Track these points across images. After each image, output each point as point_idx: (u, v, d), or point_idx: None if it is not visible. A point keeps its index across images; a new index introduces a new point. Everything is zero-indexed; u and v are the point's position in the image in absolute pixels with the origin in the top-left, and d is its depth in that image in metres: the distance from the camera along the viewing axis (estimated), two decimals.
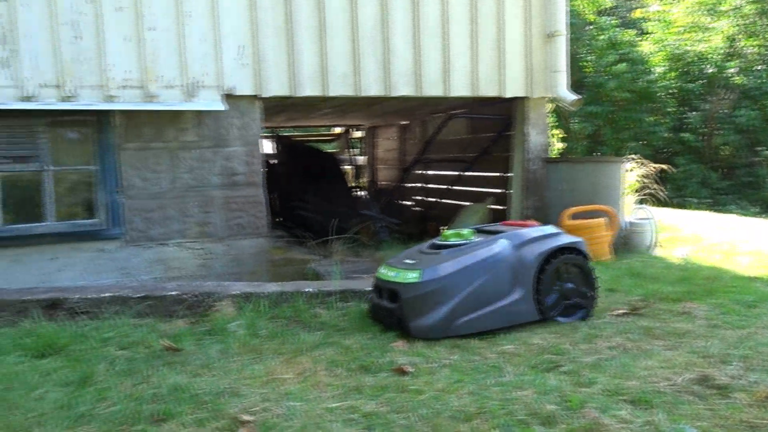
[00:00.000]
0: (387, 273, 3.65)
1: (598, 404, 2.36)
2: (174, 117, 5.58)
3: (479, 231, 3.97)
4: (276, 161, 9.39)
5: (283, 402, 2.30)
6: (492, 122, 7.46)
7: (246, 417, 2.12)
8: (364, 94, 6.06)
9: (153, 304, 3.91)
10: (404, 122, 10.08)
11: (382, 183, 11.08)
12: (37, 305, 3.69)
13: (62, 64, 5.13)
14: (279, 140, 9.95)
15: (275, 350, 3.19)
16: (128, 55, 5.31)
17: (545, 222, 6.15)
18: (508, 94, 6.47)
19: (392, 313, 3.49)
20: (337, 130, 12.25)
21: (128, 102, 5.36)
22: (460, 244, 3.66)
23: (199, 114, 5.64)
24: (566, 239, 3.78)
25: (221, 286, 4.25)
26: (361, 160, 11.91)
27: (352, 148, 12.03)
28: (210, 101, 5.58)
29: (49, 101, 5.12)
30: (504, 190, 7.27)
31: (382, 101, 6.84)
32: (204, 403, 2.29)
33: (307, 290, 4.11)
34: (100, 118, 5.40)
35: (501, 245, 3.58)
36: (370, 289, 4.27)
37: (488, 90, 6.39)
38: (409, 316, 3.40)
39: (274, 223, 7.77)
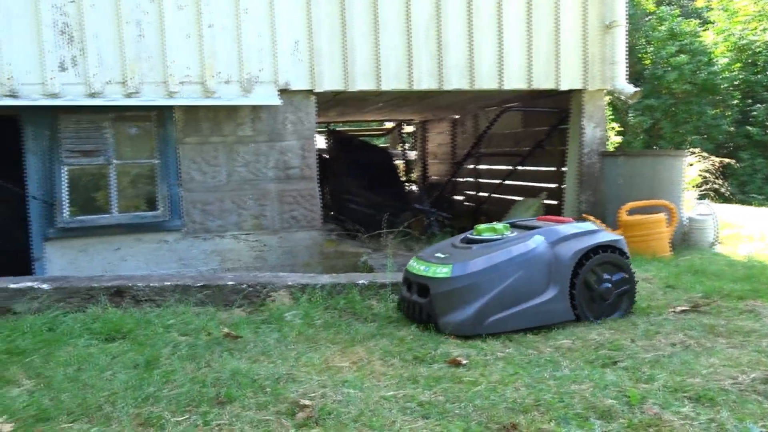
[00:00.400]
0: (418, 267, 3.58)
1: (658, 400, 2.31)
2: (231, 112, 5.72)
3: (514, 226, 3.86)
4: (328, 155, 9.49)
5: (340, 389, 2.35)
6: (546, 115, 7.34)
7: (305, 402, 2.17)
8: (416, 88, 6.07)
9: (212, 293, 4.03)
10: (456, 116, 10.03)
11: (434, 177, 11.06)
12: (103, 292, 3.86)
13: (126, 61, 5.33)
14: (331, 135, 10.06)
15: (330, 340, 3.24)
16: (188, 52, 5.47)
17: (602, 217, 6.03)
18: (564, 87, 6.35)
19: (422, 308, 3.44)
20: (389, 124, 12.29)
21: (188, 97, 5.52)
22: (493, 239, 3.55)
23: (255, 109, 5.76)
24: (605, 237, 3.63)
25: (277, 277, 4.34)
26: (413, 154, 11.92)
27: (404, 142, 12.05)
28: (266, 96, 5.69)
29: (115, 97, 5.33)
30: (558, 185, 7.15)
31: (434, 95, 6.83)
32: (264, 388, 2.36)
33: (360, 282, 4.15)
34: (161, 114, 5.59)
35: (536, 241, 3.45)
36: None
37: (543, 82, 6.29)
38: (439, 311, 3.32)
39: (326, 216, 7.86)
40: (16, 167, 5.59)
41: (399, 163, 11.45)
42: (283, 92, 5.75)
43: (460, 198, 10.14)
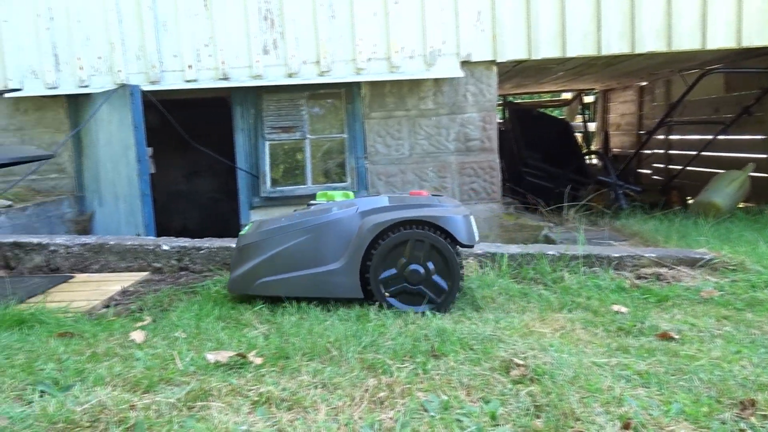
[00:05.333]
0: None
1: None
2: (414, 86, 5.86)
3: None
4: (505, 127, 9.36)
5: (548, 352, 2.33)
6: (756, 77, 6.57)
7: (518, 361, 2.19)
8: (605, 52, 5.74)
9: None
10: (644, 83, 9.34)
11: (615, 150, 10.45)
12: None
13: (319, 42, 5.67)
14: (508, 106, 9.90)
15: (522, 307, 3.23)
16: (375, 29, 5.69)
17: None
18: None
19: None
20: (567, 95, 11.79)
21: (374, 73, 5.75)
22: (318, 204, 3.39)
23: (437, 82, 5.84)
24: (428, 211, 3.07)
25: None
26: (592, 126, 11.34)
27: (583, 113, 11.51)
28: (448, 69, 5.74)
29: (310, 77, 5.71)
30: None
31: (623, 60, 6.41)
32: (471, 346, 2.42)
33: (550, 253, 4.07)
34: (349, 90, 5.89)
35: (339, 208, 3.17)
36: (617, 255, 4.10)
37: (756, 39, 5.62)
38: (232, 267, 3.29)
39: (503, 189, 7.77)
40: (224, 143, 6.24)
41: (579, 134, 10.96)
42: (464, 64, 5.76)
43: (647, 171, 9.48)
